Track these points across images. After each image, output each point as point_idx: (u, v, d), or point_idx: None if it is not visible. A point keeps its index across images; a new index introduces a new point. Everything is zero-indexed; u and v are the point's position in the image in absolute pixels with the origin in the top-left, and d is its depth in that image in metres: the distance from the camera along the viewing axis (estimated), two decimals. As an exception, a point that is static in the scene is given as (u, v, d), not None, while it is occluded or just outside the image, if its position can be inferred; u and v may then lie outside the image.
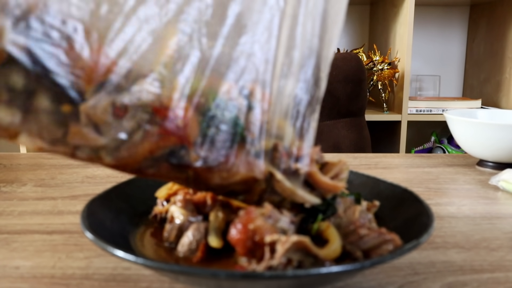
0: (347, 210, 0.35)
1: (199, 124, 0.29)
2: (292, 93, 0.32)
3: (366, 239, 0.32)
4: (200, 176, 0.30)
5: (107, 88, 0.28)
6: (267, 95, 0.32)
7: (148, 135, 0.28)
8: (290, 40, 0.32)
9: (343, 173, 0.36)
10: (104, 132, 0.28)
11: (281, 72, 0.32)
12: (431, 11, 2.06)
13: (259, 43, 0.31)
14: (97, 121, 0.27)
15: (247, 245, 0.29)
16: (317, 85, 0.33)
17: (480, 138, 0.65)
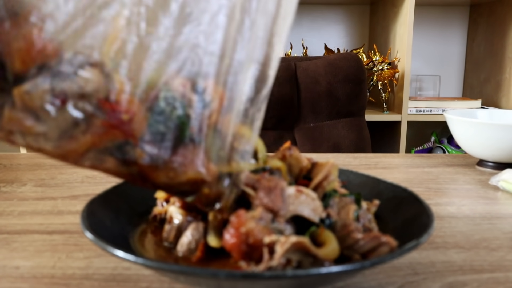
0: (341, 211, 0.34)
1: (146, 119, 0.27)
2: (242, 89, 0.31)
3: (362, 243, 0.32)
4: (146, 173, 0.29)
5: (45, 73, 0.26)
6: (220, 91, 0.31)
7: (91, 127, 0.26)
8: (239, 34, 0.30)
9: (332, 174, 0.36)
10: (42, 120, 0.26)
11: (230, 68, 0.30)
12: (431, 11, 2.06)
13: (204, 34, 0.29)
14: (33, 108, 0.26)
15: (242, 249, 0.29)
16: (265, 83, 0.32)
17: (480, 138, 0.65)
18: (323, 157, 0.77)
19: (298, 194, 0.32)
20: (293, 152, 0.37)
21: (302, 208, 0.32)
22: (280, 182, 0.31)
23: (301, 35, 2.06)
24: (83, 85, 0.26)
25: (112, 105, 0.27)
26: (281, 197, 0.31)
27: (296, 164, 0.37)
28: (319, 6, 2.04)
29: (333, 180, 0.36)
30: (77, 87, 0.26)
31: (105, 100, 0.26)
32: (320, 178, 0.36)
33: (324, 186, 0.36)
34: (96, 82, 0.26)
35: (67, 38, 0.26)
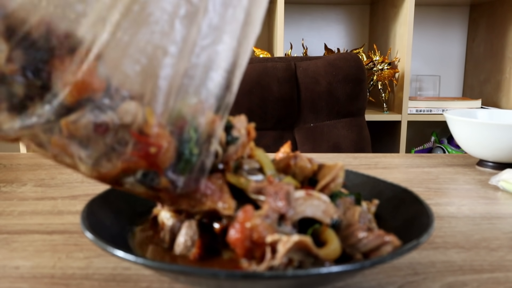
0: (346, 212, 0.35)
1: (174, 151, 0.29)
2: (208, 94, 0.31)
3: (365, 241, 0.32)
4: (171, 198, 0.31)
5: (92, 105, 0.28)
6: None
7: (123, 155, 0.29)
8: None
9: (339, 176, 0.36)
10: (83, 146, 0.29)
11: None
12: (431, 11, 2.06)
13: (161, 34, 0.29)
14: (77, 136, 0.28)
15: (246, 245, 0.29)
16: (229, 90, 0.32)
17: (480, 138, 0.65)
18: (323, 157, 0.77)
19: (307, 197, 0.32)
20: (298, 161, 0.37)
21: (312, 210, 0.32)
22: (286, 186, 0.31)
23: (301, 35, 2.06)
24: (122, 117, 0.28)
25: (142, 137, 0.29)
26: (288, 200, 0.31)
27: (301, 173, 0.37)
28: (319, 6, 2.04)
29: (340, 182, 0.36)
30: (117, 119, 0.28)
31: (137, 132, 0.28)
32: (328, 180, 0.36)
33: (331, 188, 0.36)
34: (133, 114, 0.28)
35: (114, 75, 0.28)
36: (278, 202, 0.31)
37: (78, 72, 0.27)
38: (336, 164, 0.37)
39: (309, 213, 0.32)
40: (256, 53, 1.74)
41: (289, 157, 0.37)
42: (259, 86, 1.17)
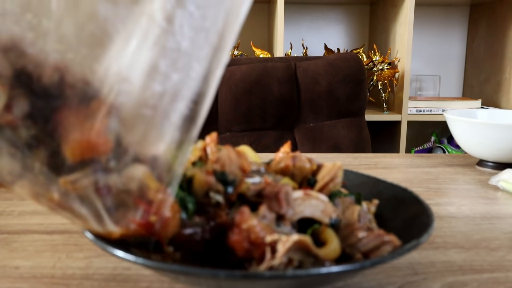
0: (345, 211, 0.35)
1: (178, 220, 0.29)
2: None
3: (365, 241, 0.32)
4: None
5: (95, 166, 0.26)
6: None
7: (123, 219, 0.27)
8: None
9: (338, 176, 0.36)
10: (82, 203, 0.27)
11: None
12: (431, 11, 2.06)
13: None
14: (76, 194, 0.26)
15: (244, 246, 0.29)
16: (195, 122, 0.29)
17: (480, 138, 0.65)
18: (323, 157, 0.77)
19: (306, 197, 0.32)
20: (296, 161, 0.37)
21: (311, 210, 0.32)
22: (284, 187, 0.31)
23: (301, 35, 2.06)
24: (127, 182, 0.26)
25: (145, 205, 0.27)
26: (287, 200, 0.31)
27: (299, 173, 0.37)
28: (319, 6, 2.04)
29: (339, 182, 0.36)
30: (121, 183, 0.26)
31: (140, 198, 0.27)
32: (326, 180, 0.36)
33: (330, 187, 0.36)
34: (139, 181, 0.26)
35: (126, 137, 0.26)
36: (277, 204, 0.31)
37: (86, 130, 0.25)
38: (335, 164, 0.37)
39: (308, 213, 0.32)
40: (256, 53, 1.74)
41: (288, 158, 0.37)
42: (259, 86, 1.17)
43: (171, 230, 0.28)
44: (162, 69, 0.26)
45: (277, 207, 0.31)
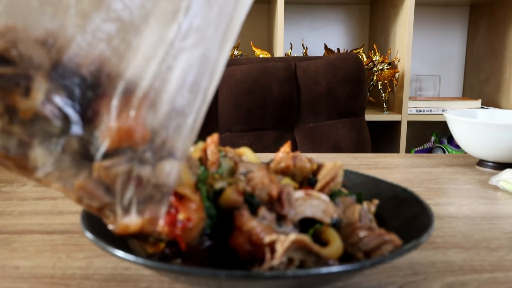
0: (346, 210, 0.35)
1: (201, 227, 0.29)
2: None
3: (366, 241, 0.32)
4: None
5: (129, 155, 0.26)
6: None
7: (148, 212, 0.27)
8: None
9: (339, 176, 0.36)
10: (110, 193, 0.27)
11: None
12: (431, 11, 2.06)
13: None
14: (107, 182, 0.27)
15: (246, 248, 0.29)
16: (205, 102, 0.29)
17: (480, 138, 0.65)
18: (323, 157, 0.77)
19: (307, 197, 0.32)
20: (297, 161, 0.37)
21: (312, 210, 0.32)
22: (286, 187, 0.31)
23: (301, 35, 2.06)
24: (159, 176, 0.26)
25: (176, 202, 0.28)
26: (289, 201, 0.31)
27: (300, 173, 0.37)
28: (319, 6, 2.04)
29: (339, 182, 0.36)
30: (154, 176, 0.26)
31: (176, 202, 0.27)
32: (327, 179, 0.36)
33: (331, 187, 0.36)
34: (174, 176, 0.27)
35: (163, 130, 0.26)
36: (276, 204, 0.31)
37: (127, 119, 0.25)
38: (335, 164, 0.37)
39: (309, 213, 0.32)
40: (256, 53, 1.74)
41: (288, 158, 0.37)
42: (259, 86, 1.17)
43: (193, 234, 0.28)
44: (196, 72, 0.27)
45: (279, 207, 0.31)
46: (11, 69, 0.25)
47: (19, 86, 0.26)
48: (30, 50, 0.25)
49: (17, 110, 0.26)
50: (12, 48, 0.25)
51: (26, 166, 0.27)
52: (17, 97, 0.26)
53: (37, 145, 0.26)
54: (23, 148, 0.26)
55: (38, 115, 0.26)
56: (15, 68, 0.25)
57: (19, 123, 0.26)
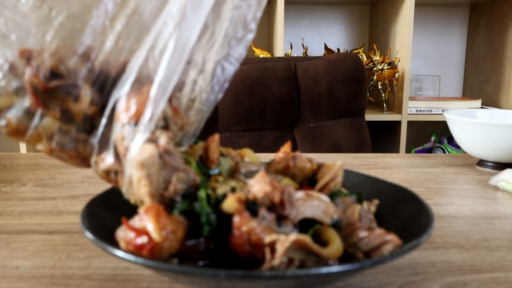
0: (346, 210, 0.35)
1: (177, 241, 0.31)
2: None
3: (366, 241, 0.32)
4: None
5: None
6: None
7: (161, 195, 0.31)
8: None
9: (339, 176, 0.36)
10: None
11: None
12: (431, 11, 2.06)
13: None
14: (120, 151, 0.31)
15: (246, 249, 0.29)
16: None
17: (480, 138, 0.65)
18: (323, 157, 0.77)
19: (307, 198, 0.32)
20: (297, 162, 0.37)
21: (312, 211, 0.32)
22: (287, 188, 0.31)
23: (301, 35, 2.06)
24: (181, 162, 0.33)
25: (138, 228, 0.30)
26: (290, 201, 0.31)
27: (300, 174, 0.37)
28: (319, 6, 2.04)
29: (339, 182, 0.36)
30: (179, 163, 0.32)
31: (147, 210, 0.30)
32: (327, 179, 0.36)
33: (331, 187, 0.36)
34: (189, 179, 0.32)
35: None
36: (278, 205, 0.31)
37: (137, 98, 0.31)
38: (335, 163, 0.37)
39: (309, 213, 0.32)
40: (256, 53, 1.74)
41: (288, 158, 0.37)
42: (259, 86, 1.17)
43: (164, 251, 0.29)
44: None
45: (281, 208, 0.31)
46: (63, 81, 0.32)
47: (71, 94, 0.32)
48: (75, 64, 0.32)
49: (71, 113, 0.33)
50: (61, 64, 0.32)
51: (79, 156, 0.33)
52: (70, 103, 0.32)
53: (85, 139, 0.33)
54: (75, 143, 0.33)
55: (86, 115, 0.33)
56: (66, 80, 0.32)
57: (73, 123, 0.33)
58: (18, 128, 0.32)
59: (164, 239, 0.28)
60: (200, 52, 0.33)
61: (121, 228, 0.30)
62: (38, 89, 0.32)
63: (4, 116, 0.32)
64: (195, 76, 0.34)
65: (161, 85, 0.31)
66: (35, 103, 0.32)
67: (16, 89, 0.32)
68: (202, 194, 0.31)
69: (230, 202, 0.30)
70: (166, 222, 0.29)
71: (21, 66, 0.32)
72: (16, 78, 0.32)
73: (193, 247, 0.30)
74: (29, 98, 0.32)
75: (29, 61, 0.32)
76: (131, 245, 0.29)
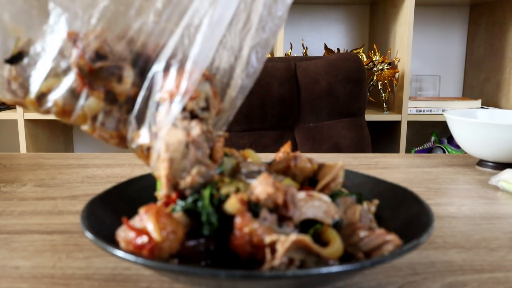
0: (347, 210, 0.35)
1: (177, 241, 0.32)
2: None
3: (367, 240, 0.32)
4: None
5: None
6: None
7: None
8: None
9: (339, 177, 0.36)
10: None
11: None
12: (431, 11, 2.06)
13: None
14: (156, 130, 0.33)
15: (247, 250, 0.29)
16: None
17: (480, 138, 0.65)
18: (323, 157, 0.77)
19: (308, 198, 0.32)
20: (298, 162, 0.37)
21: (314, 211, 0.32)
22: (290, 189, 0.31)
23: (301, 35, 2.06)
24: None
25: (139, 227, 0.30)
26: (293, 202, 0.31)
27: (301, 174, 0.37)
28: (319, 6, 2.04)
29: (340, 182, 0.36)
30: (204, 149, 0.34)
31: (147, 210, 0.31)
32: (328, 179, 0.36)
33: (332, 187, 0.36)
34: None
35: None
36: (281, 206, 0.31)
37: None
38: (336, 164, 0.37)
39: (310, 214, 0.32)
40: (256, 53, 1.74)
41: (289, 159, 0.37)
42: (259, 86, 1.17)
43: (164, 251, 0.29)
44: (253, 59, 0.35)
45: (284, 210, 0.31)
46: (107, 62, 0.33)
47: (114, 75, 0.34)
48: (118, 46, 0.34)
49: (115, 94, 0.34)
50: (105, 46, 0.33)
51: (120, 136, 0.35)
52: (114, 84, 0.34)
53: (126, 119, 0.35)
54: (116, 123, 0.35)
55: (128, 96, 0.34)
56: (109, 61, 0.33)
57: (116, 104, 0.34)
58: (64, 109, 0.34)
59: (164, 239, 0.28)
60: (236, 37, 0.35)
61: (121, 228, 0.30)
62: (84, 70, 0.33)
63: (51, 97, 0.34)
64: (232, 62, 0.35)
65: (196, 61, 0.32)
66: (81, 83, 0.33)
67: (63, 70, 0.33)
68: (206, 193, 0.31)
69: (232, 202, 0.30)
70: (166, 222, 0.29)
71: (69, 48, 0.33)
72: (64, 60, 0.33)
73: (193, 248, 0.30)
74: (75, 79, 0.33)
75: (76, 43, 0.33)
76: (131, 245, 0.29)
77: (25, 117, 1.66)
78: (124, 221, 0.30)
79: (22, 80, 0.34)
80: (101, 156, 0.76)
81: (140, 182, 0.42)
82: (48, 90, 0.33)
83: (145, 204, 0.40)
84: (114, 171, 0.66)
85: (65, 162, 0.72)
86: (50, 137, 1.88)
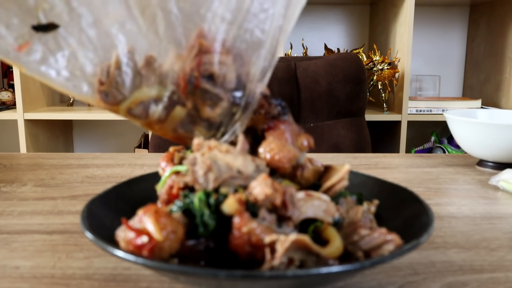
0: (349, 211, 0.35)
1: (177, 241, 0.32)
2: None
3: (367, 239, 0.32)
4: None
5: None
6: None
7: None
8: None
9: (345, 180, 0.36)
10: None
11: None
12: (431, 11, 2.06)
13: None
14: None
15: (246, 250, 0.29)
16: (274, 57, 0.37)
17: (480, 138, 0.65)
18: (323, 157, 0.77)
19: (308, 198, 0.32)
20: (305, 172, 0.37)
21: (313, 211, 0.32)
22: (288, 189, 0.31)
23: (301, 35, 2.06)
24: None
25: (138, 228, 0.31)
26: (292, 202, 0.31)
27: (306, 184, 0.37)
28: (319, 6, 2.04)
29: (345, 185, 0.36)
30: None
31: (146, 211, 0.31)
32: (334, 181, 0.36)
33: (336, 190, 0.36)
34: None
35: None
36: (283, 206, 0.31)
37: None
38: (343, 166, 0.36)
39: (310, 213, 0.32)
40: (256, 53, 1.74)
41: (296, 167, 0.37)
42: (259, 86, 1.16)
43: (165, 251, 0.29)
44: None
45: (283, 210, 0.31)
46: (214, 89, 0.35)
47: (212, 100, 0.36)
48: (230, 74, 0.35)
49: (199, 112, 0.36)
50: (221, 72, 0.35)
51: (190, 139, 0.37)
52: (205, 107, 0.36)
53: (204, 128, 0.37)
54: (191, 126, 0.36)
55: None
56: (216, 88, 0.35)
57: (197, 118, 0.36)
58: (159, 119, 0.35)
59: (164, 239, 0.28)
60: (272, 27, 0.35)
61: (121, 228, 0.30)
62: (191, 81, 0.34)
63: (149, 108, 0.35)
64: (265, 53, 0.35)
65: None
66: (183, 91, 0.34)
67: (158, 81, 0.35)
68: (198, 195, 0.31)
69: (230, 202, 0.30)
70: (166, 222, 0.29)
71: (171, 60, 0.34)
72: (157, 69, 0.34)
73: (193, 247, 0.30)
74: (174, 86, 0.34)
75: (199, 54, 0.33)
76: (131, 245, 0.29)
77: (25, 117, 1.66)
78: (123, 221, 0.30)
79: (113, 85, 0.34)
80: (101, 156, 0.76)
81: (140, 182, 0.42)
82: (144, 100, 0.35)
83: (145, 204, 0.40)
84: (114, 171, 0.66)
85: (65, 162, 0.72)
86: (50, 137, 1.88)
